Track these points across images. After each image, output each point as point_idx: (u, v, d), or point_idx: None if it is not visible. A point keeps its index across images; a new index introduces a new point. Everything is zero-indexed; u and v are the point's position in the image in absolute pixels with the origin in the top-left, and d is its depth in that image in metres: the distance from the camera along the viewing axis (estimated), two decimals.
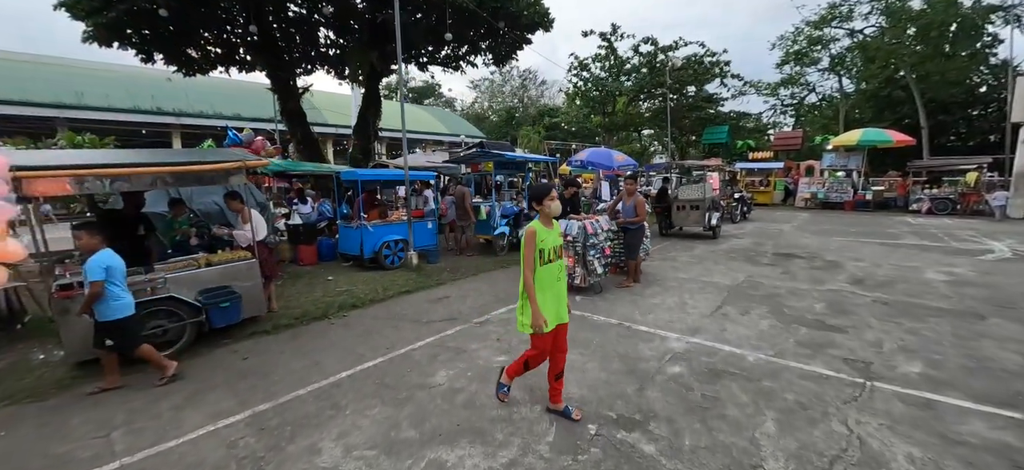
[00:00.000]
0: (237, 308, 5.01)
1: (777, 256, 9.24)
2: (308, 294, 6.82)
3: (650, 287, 6.91)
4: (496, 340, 4.79)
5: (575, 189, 6.79)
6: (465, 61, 15.65)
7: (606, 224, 6.64)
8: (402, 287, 7.05)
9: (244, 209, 5.44)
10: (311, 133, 13.63)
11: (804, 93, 39.35)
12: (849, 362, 4.11)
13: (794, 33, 35.93)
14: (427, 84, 51.25)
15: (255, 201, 7.38)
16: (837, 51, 35.29)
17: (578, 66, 26.62)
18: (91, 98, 23.29)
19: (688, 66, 25.43)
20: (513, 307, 5.88)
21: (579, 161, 10.90)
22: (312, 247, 8.99)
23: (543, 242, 2.91)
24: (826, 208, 19.68)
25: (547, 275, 2.97)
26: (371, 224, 8.17)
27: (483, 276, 7.95)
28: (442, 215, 10.14)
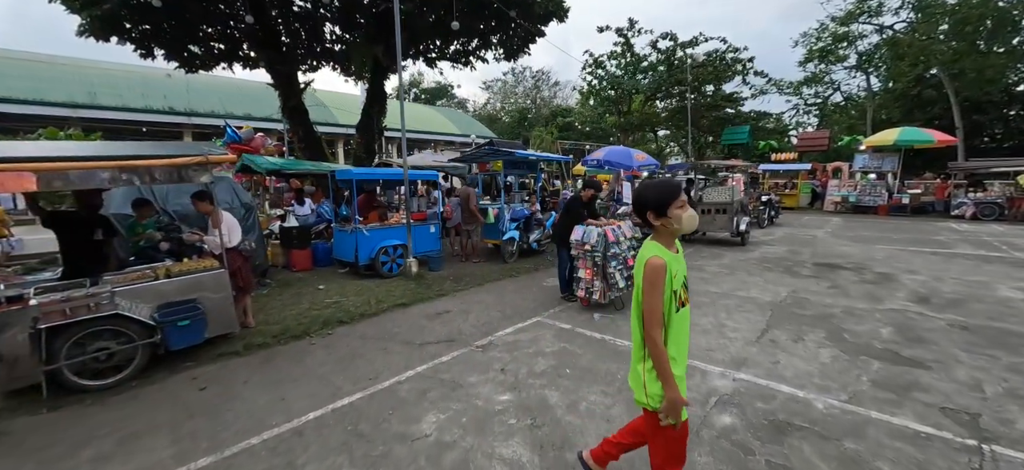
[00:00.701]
0: (200, 326, 4.30)
1: (819, 266, 8.27)
2: (293, 306, 6.11)
3: None
4: (500, 371, 3.99)
5: (594, 191, 5.97)
6: (475, 56, 14.92)
7: (629, 230, 5.80)
8: (398, 299, 6.29)
9: (215, 211, 4.75)
10: (313, 131, 13.03)
11: (829, 92, 37.84)
12: (949, 413, 3.21)
13: (818, 30, 34.57)
14: (439, 85, 50.77)
15: (239, 202, 6.73)
16: (865, 48, 33.83)
17: (593, 63, 25.72)
18: (104, 98, 23.38)
19: (708, 63, 24.33)
20: (522, 326, 5.13)
21: (595, 160, 10.08)
22: (306, 252, 8.31)
23: (675, 277, 1.82)
24: (858, 212, 18.45)
25: (682, 327, 1.90)
26: (367, 228, 7.45)
27: (489, 287, 7.16)
28: (447, 217, 9.39)
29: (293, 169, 9.01)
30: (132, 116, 22.97)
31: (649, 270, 1.78)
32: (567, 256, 5.94)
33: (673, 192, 1.86)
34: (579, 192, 6.32)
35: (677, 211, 1.83)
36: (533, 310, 5.83)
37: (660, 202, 1.85)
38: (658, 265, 1.77)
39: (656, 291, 1.77)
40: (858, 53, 33.77)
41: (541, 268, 8.47)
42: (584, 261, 5.48)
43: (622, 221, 5.88)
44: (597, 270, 5.37)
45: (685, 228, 1.85)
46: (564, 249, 5.97)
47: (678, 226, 1.84)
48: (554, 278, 7.52)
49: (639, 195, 1.99)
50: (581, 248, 5.44)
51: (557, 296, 6.46)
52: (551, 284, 7.20)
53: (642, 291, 1.82)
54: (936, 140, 17.54)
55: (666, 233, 1.89)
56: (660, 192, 1.87)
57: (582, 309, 5.76)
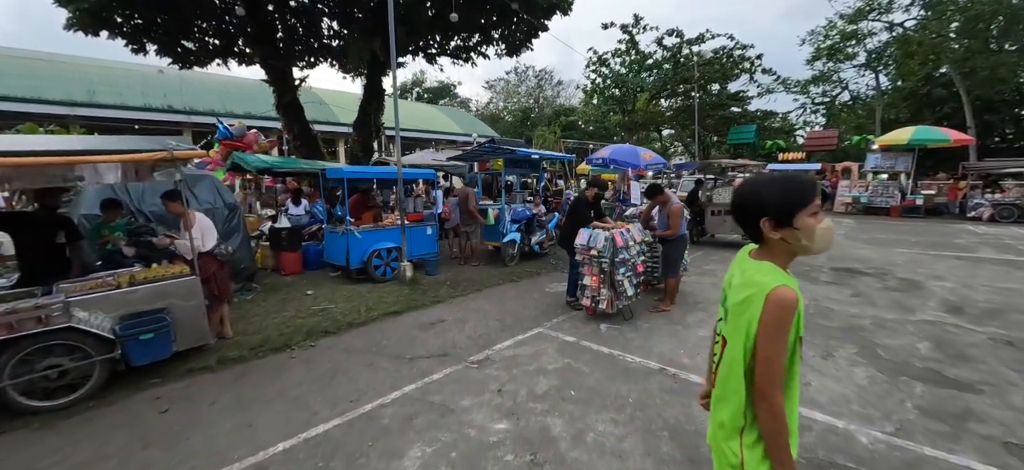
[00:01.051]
0: (166, 340, 3.90)
1: (837, 271, 7.81)
2: (277, 313, 5.71)
3: (692, 312, 5.61)
4: (497, 392, 3.57)
5: (598, 190, 5.54)
6: (476, 52, 14.50)
7: (639, 234, 5.37)
8: (390, 306, 5.88)
9: (187, 212, 4.35)
10: (309, 129, 12.64)
11: (836, 91, 37.20)
12: (1015, 450, 2.77)
13: (826, 27, 34.00)
14: (442, 84, 50.48)
15: (223, 202, 6.33)
16: (874, 46, 33.22)
17: (597, 61, 25.27)
18: (103, 96, 23.20)
19: (715, 60, 23.83)
20: (522, 338, 4.70)
21: (601, 159, 9.64)
22: (296, 254, 7.91)
23: (800, 317, 1.29)
24: (870, 214, 17.94)
25: (797, 379, 1.37)
26: (359, 230, 7.05)
27: (488, 292, 6.74)
28: (445, 218, 8.98)
29: (285, 167, 8.62)
30: (131, 114, 22.82)
31: (776, 306, 1.22)
32: (576, 261, 5.53)
33: (805, 194, 1.28)
34: (583, 192, 5.89)
35: (809, 221, 1.26)
36: (535, 319, 5.40)
37: (786, 207, 1.27)
38: (789, 300, 1.22)
39: (783, 337, 1.24)
40: (867, 51, 33.18)
41: (543, 272, 8.04)
42: (590, 267, 5.05)
43: (630, 224, 5.44)
44: (604, 277, 4.94)
45: (818, 247, 1.29)
46: (573, 254, 5.56)
47: (809, 243, 1.28)
48: (558, 283, 7.10)
49: (753, 194, 1.35)
50: (586, 253, 5.02)
51: (560, 303, 6.04)
52: (554, 289, 6.78)
53: (756, 335, 1.26)
54: (952, 139, 16.98)
55: (784, 252, 1.34)
56: (787, 193, 1.29)
57: (587, 319, 5.34)
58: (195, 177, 6.25)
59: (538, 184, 10.26)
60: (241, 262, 6.44)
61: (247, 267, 6.62)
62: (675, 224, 5.36)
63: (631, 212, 6.15)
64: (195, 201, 6.03)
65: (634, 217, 6.23)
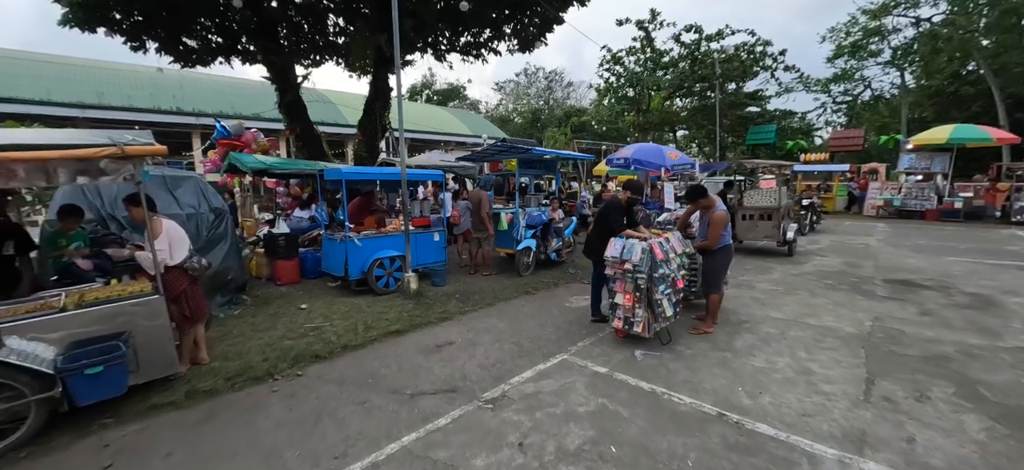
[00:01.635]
0: (119, 374, 3.25)
1: (892, 284, 6.96)
2: (265, 331, 5.06)
3: (738, 334, 4.84)
4: (518, 447, 2.85)
5: (632, 194, 4.81)
6: (487, 48, 13.84)
7: (679, 244, 4.62)
8: (391, 324, 5.20)
9: (153, 219, 3.71)
10: (313, 129, 12.08)
11: (859, 89, 35.93)
12: None
13: (848, 24, 32.86)
14: (452, 86, 50.14)
15: (209, 206, 5.71)
16: (899, 42, 31.98)
17: (611, 59, 24.48)
18: (112, 98, 23.21)
19: (734, 57, 22.90)
20: (544, 368, 3.92)
21: (623, 159, 8.89)
22: (292, 262, 7.29)
23: None
24: (903, 217, 16.90)
25: None
26: (360, 236, 6.39)
27: (502, 308, 6.03)
28: (454, 223, 8.29)
29: (281, 168, 8.03)
30: (140, 116, 22.78)
31: None
32: (602, 274, 4.81)
33: None
34: (615, 196, 5.15)
35: None
36: (557, 342, 4.68)
37: None
38: None
39: None
40: (892, 48, 31.94)
41: (562, 283, 7.31)
42: (623, 283, 4.32)
43: (668, 232, 4.68)
44: (640, 296, 4.20)
45: None
46: (600, 266, 4.84)
47: None
48: (579, 297, 6.37)
49: None
50: (619, 267, 4.29)
51: (583, 321, 5.32)
52: (575, 305, 6.05)
53: None
54: (995, 139, 15.90)
55: None
56: None
57: (618, 342, 4.60)
58: (178, 178, 5.65)
59: (553, 186, 9.51)
60: (229, 272, 5.82)
61: (235, 278, 5.99)
62: (715, 234, 4.61)
63: (664, 218, 5.39)
64: (176, 205, 5.43)
65: (668, 224, 5.47)
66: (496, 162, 8.29)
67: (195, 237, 5.48)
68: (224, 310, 5.69)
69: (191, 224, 5.47)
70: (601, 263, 4.79)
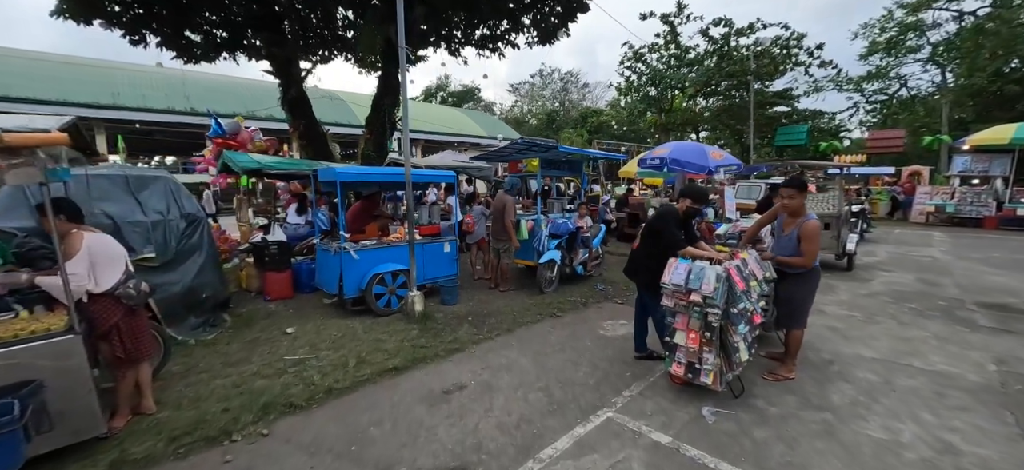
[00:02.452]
0: (11, 445, 2.36)
1: (990, 310, 5.77)
2: (237, 365, 4.16)
3: (830, 382, 3.77)
4: None
5: (693, 203, 3.76)
6: (505, 41, 12.89)
7: (758, 267, 3.57)
8: (389, 358, 4.26)
9: (72, 234, 2.84)
10: (317, 126, 11.29)
11: (894, 87, 34.01)
12: None
13: (883, 19, 31.11)
14: (466, 88, 49.63)
15: (180, 211, 4.86)
16: (939, 38, 30.11)
17: (632, 56, 23.34)
18: (127, 99, 23.23)
19: (765, 53, 21.55)
20: (583, 434, 2.68)
21: (658, 159, 7.82)
22: (284, 275, 6.42)
23: None
24: (956, 225, 15.41)
25: None
26: (357, 247, 5.48)
27: (523, 334, 5.05)
28: (467, 231, 7.35)
29: (275, 168, 7.20)
30: (154, 117, 22.66)
31: None
32: (652, 303, 3.81)
33: None
34: (669, 204, 4.12)
35: None
36: (596, 388, 3.68)
37: None
38: None
39: None
40: (932, 44, 30.07)
41: (591, 303, 6.30)
42: (686, 318, 3.30)
43: (742, 251, 3.62)
44: (711, 336, 3.17)
45: None
46: (648, 293, 3.84)
47: None
48: (614, 321, 5.35)
49: None
50: (683, 298, 3.27)
51: (625, 357, 4.31)
52: (612, 333, 5.03)
53: None
54: None
55: None
56: None
57: (676, 391, 3.58)
58: (144, 179, 4.80)
59: (578, 189, 8.49)
60: (204, 289, 4.96)
61: (214, 295, 5.13)
62: (813, 249, 3.53)
63: (725, 230, 4.31)
64: (139, 210, 4.58)
65: (730, 237, 4.40)
66: (515, 162, 7.32)
67: (163, 248, 4.65)
68: (197, 334, 4.83)
69: (158, 233, 4.63)
70: (651, 289, 3.78)
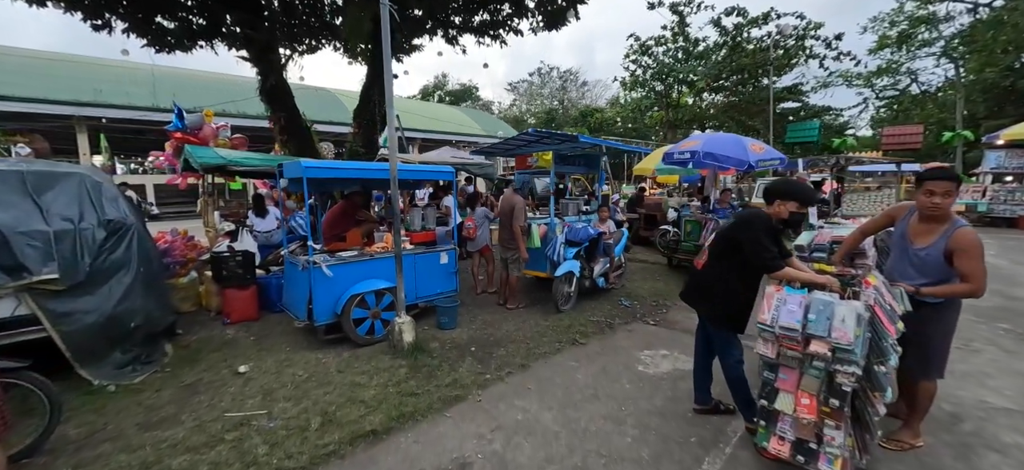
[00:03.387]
0: None
1: None
2: (159, 426, 3.07)
3: (973, 453, 2.71)
4: None
5: (798, 209, 2.65)
6: (507, 27, 11.80)
7: (893, 297, 2.46)
8: (367, 413, 3.17)
9: None
10: (300, 120, 10.17)
11: (905, 83, 33.13)
12: None
13: (893, 12, 30.22)
14: (464, 87, 48.68)
15: (99, 217, 3.77)
16: (952, 32, 29.24)
17: (639, 49, 22.27)
18: (111, 96, 22.03)
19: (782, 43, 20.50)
20: None
21: (687, 153, 6.72)
22: (247, 292, 5.31)
23: None
24: (988, 225, 14.42)
25: None
26: (330, 260, 4.38)
27: (541, 370, 3.97)
28: (468, 237, 6.26)
29: (242, 164, 6.11)
30: (139, 114, 21.52)
31: None
32: (723, 344, 2.77)
33: None
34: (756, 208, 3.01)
35: None
36: (653, 466, 2.61)
37: None
38: None
39: None
40: (945, 38, 29.17)
41: (618, 323, 5.22)
42: (796, 375, 2.23)
43: (871, 275, 2.51)
44: (841, 405, 2.09)
45: None
46: (719, 328, 2.79)
47: None
48: (651, 351, 4.27)
49: None
50: (795, 346, 2.19)
51: (678, 405, 3.25)
52: (653, 368, 3.96)
53: None
54: None
55: None
56: None
57: (767, 468, 2.51)
58: (47, 175, 3.69)
59: (598, 186, 7.40)
60: (132, 317, 3.86)
61: (145, 324, 4.02)
62: (980, 269, 2.41)
63: (808, 240, 3.23)
64: (39, 217, 3.48)
65: (815, 249, 3.30)
66: (523, 157, 6.24)
67: (72, 265, 3.55)
68: (122, 375, 3.74)
69: (66, 245, 3.53)
70: (726, 324, 2.73)
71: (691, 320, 5.43)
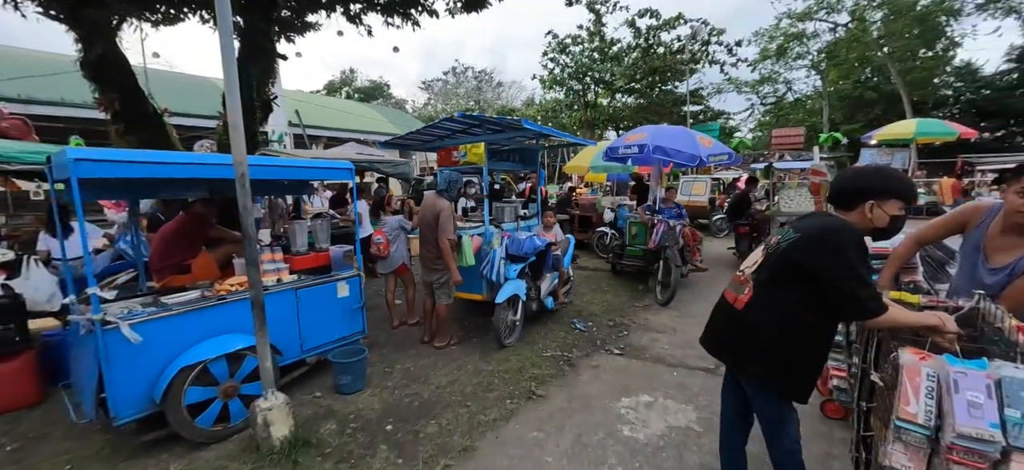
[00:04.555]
0: None
1: None
2: None
3: None
4: None
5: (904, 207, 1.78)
6: (419, 6, 10.31)
7: None
8: None
9: None
10: (146, 105, 7.71)
11: (782, 91, 37.46)
12: None
13: (772, 29, 33.84)
14: (374, 83, 45.73)
15: None
16: (819, 47, 33.56)
17: (557, 47, 21.92)
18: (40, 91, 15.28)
19: (683, 48, 21.44)
20: None
21: (635, 146, 5.89)
22: (19, 362, 3.33)
23: None
24: None
25: None
26: (142, 314, 2.69)
27: (492, 452, 2.73)
28: (377, 254, 4.77)
29: None
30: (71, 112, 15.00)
31: None
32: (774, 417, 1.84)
33: None
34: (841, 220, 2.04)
35: None
36: None
37: None
38: None
39: None
40: (812, 53, 33.35)
41: (577, 356, 4.16)
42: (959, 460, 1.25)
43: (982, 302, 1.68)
44: None
45: None
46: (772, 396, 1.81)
47: None
48: (634, 398, 3.21)
49: None
50: (980, 465, 1.20)
51: None
52: (644, 431, 2.91)
53: None
54: (958, 133, 15.62)
55: None
56: None
57: None
58: None
59: (536, 187, 6.34)
60: None
61: None
62: None
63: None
64: None
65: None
66: (449, 150, 4.92)
67: None
68: None
69: None
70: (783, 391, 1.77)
71: (659, 345, 4.36)
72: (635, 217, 7.00)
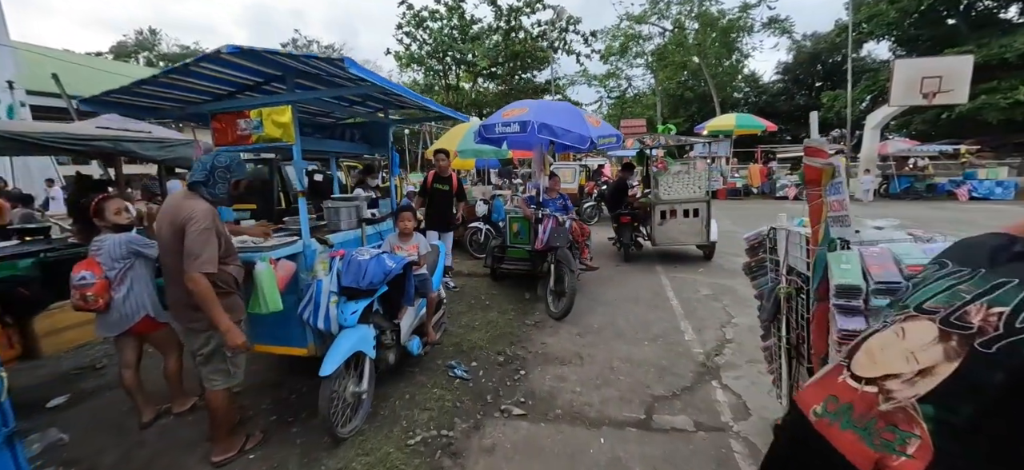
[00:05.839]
0: None
1: None
2: None
3: None
4: None
5: None
6: None
7: None
8: None
9: None
10: None
11: (624, 86, 41.42)
12: None
13: (614, 29, 36.81)
14: (184, 49, 36.79)
15: None
16: (652, 48, 37.60)
17: (412, 20, 19.79)
18: None
19: (543, 36, 21.43)
20: None
21: (515, 123, 4.64)
22: None
23: None
24: None
25: None
26: None
27: None
28: (87, 307, 2.59)
29: None
30: None
31: None
32: None
33: None
34: None
35: None
36: None
37: None
38: None
39: None
40: (647, 54, 37.28)
41: (462, 433, 2.74)
42: None
43: None
44: None
45: None
46: None
47: None
48: None
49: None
50: None
51: None
52: None
53: None
54: (766, 127, 18.52)
55: None
56: None
57: None
58: None
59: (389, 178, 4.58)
60: None
61: None
62: None
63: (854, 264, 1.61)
64: None
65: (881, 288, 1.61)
66: (231, 119, 2.95)
67: None
68: None
69: None
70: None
71: (568, 388, 3.19)
72: (515, 212, 5.83)
